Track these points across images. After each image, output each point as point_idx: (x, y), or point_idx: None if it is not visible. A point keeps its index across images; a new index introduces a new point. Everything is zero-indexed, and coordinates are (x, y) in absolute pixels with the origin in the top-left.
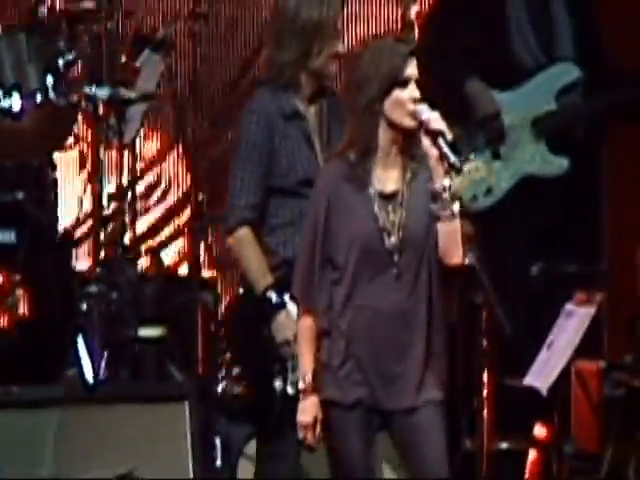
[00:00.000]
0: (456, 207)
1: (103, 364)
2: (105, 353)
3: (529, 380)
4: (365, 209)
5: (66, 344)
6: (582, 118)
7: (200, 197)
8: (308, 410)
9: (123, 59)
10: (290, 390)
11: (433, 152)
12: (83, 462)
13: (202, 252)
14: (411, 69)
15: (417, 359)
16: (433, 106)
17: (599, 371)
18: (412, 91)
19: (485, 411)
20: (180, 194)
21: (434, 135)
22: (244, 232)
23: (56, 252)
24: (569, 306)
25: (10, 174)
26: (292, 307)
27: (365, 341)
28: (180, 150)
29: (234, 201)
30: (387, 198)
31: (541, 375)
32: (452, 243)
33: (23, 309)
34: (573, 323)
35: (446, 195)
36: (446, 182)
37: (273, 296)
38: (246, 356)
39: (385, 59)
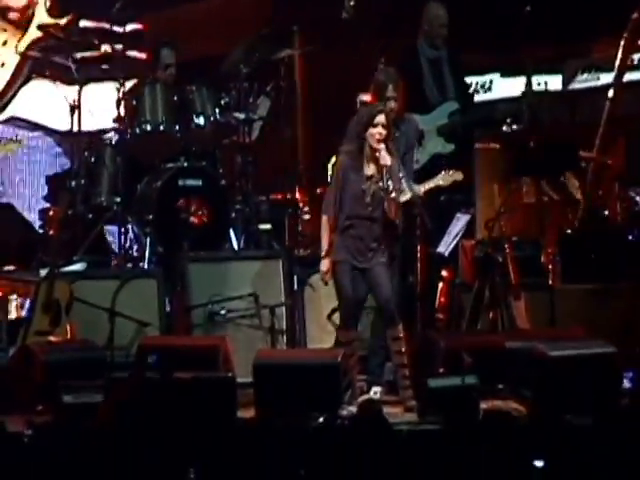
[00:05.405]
0: (393, 195)
1: (242, 242)
2: (242, 236)
3: (439, 249)
4: (359, 182)
5: (222, 232)
6: (460, 125)
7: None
8: (325, 265)
9: (251, 100)
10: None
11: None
12: (232, 286)
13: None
14: (377, 120)
15: (375, 245)
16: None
17: (472, 245)
18: (378, 130)
19: (419, 262)
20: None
21: (384, 166)
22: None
23: (230, 191)
24: (458, 214)
25: (198, 155)
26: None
27: (354, 237)
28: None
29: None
30: (368, 178)
31: (444, 247)
32: (392, 212)
33: (205, 217)
34: (460, 222)
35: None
36: (389, 183)
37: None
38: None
39: (367, 114)
